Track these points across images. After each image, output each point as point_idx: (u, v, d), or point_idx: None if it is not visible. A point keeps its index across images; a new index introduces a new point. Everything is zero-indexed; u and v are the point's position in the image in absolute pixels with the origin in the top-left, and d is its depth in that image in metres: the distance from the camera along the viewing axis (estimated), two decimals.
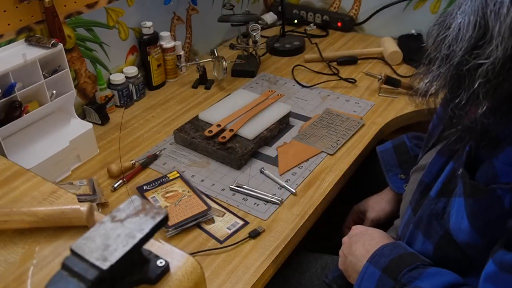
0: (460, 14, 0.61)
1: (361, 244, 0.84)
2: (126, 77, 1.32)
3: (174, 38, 1.48)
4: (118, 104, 1.32)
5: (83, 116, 1.26)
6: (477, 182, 0.65)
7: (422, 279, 0.70)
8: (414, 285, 0.70)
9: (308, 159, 1.10)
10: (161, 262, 0.49)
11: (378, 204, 1.09)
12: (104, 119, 1.25)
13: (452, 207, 0.70)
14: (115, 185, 1.02)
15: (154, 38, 1.37)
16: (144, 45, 1.36)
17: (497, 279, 0.61)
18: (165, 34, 1.40)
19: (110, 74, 1.32)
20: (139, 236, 0.45)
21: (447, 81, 0.64)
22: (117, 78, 1.29)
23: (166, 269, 0.49)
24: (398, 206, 1.06)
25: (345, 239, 0.88)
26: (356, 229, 0.89)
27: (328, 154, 1.12)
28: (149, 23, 1.35)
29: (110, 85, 1.30)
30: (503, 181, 0.62)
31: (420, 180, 0.80)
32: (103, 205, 0.97)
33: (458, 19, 0.61)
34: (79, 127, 1.11)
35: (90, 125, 1.12)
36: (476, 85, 0.59)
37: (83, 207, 0.55)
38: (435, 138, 0.88)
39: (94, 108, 1.23)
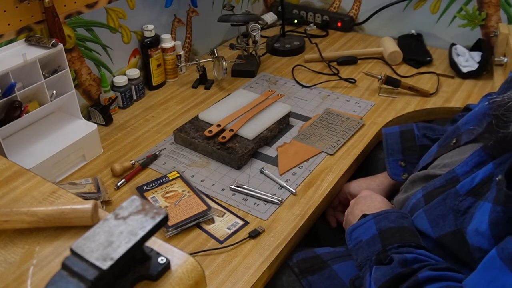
0: None
1: (362, 205, 0.89)
2: (129, 79, 1.33)
3: (174, 39, 1.48)
4: (121, 105, 1.34)
5: (88, 117, 1.28)
6: None
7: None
8: (396, 256, 0.71)
9: (308, 159, 1.10)
10: (162, 260, 0.50)
11: (370, 187, 1.06)
12: (108, 120, 1.26)
13: (478, 209, 0.68)
14: (118, 184, 1.04)
15: (156, 41, 1.38)
16: (146, 48, 1.37)
17: (492, 263, 0.59)
18: (166, 36, 1.40)
19: (114, 76, 1.33)
20: (141, 233, 0.45)
21: None
22: (120, 80, 1.31)
23: (167, 266, 0.50)
24: (389, 193, 1.05)
25: (351, 201, 0.94)
26: (363, 192, 0.95)
27: (328, 154, 1.12)
28: (150, 26, 1.36)
29: (113, 87, 1.32)
30: None
31: (452, 170, 0.78)
32: (107, 203, 0.99)
33: None
34: (85, 128, 1.12)
35: (95, 126, 1.13)
36: None
37: (88, 205, 0.55)
38: (473, 135, 0.82)
39: (98, 110, 1.25)
